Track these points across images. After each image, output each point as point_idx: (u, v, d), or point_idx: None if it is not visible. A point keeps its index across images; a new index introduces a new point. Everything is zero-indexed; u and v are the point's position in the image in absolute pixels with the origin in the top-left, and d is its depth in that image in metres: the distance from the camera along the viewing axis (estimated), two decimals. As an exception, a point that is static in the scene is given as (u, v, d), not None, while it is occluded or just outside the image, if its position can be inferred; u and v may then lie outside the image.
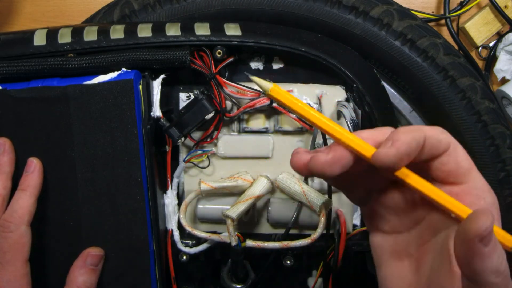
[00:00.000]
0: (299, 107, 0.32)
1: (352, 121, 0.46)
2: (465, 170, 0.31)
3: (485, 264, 0.28)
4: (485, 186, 0.32)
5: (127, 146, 0.44)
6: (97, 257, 0.45)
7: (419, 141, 0.30)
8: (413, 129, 0.31)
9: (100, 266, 0.45)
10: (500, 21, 0.62)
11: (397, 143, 0.30)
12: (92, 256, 0.45)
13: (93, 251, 0.45)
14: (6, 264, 0.42)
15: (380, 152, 0.30)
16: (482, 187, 0.32)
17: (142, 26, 0.46)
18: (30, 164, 0.45)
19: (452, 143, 0.32)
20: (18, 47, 0.45)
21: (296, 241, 0.48)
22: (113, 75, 0.44)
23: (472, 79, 0.50)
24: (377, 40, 0.49)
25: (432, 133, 0.31)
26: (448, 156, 0.31)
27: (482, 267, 0.28)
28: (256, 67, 0.50)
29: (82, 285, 0.44)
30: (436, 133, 0.31)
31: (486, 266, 0.28)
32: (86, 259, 0.45)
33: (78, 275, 0.44)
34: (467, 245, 0.28)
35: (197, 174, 0.51)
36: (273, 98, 0.32)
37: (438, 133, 0.31)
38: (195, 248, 0.50)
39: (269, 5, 0.49)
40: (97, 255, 0.45)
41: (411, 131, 0.30)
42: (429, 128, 0.31)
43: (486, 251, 0.28)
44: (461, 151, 0.32)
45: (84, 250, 0.45)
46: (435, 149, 0.31)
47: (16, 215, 0.43)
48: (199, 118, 0.46)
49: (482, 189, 0.32)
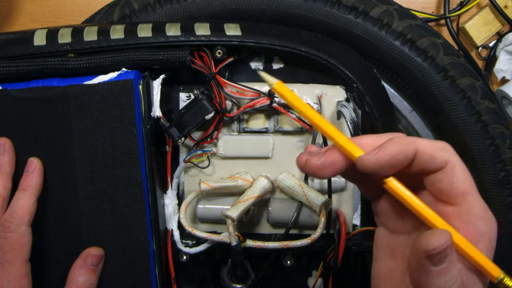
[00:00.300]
0: (299, 104, 0.34)
1: (352, 121, 0.47)
2: (459, 193, 0.31)
3: (430, 282, 0.28)
4: (482, 213, 0.31)
5: (127, 146, 0.44)
6: (97, 257, 0.45)
7: (407, 154, 0.30)
8: (405, 141, 0.31)
9: (100, 266, 0.45)
10: (500, 21, 0.62)
11: (381, 152, 0.30)
12: (92, 256, 0.45)
13: (94, 251, 0.45)
14: (6, 264, 0.42)
15: (363, 158, 0.31)
16: (477, 214, 0.31)
17: (142, 26, 0.46)
18: (30, 164, 0.45)
19: (451, 162, 0.31)
20: (18, 47, 0.45)
21: (296, 241, 0.48)
22: (113, 75, 0.44)
23: (472, 79, 0.50)
24: (377, 40, 0.49)
25: (426, 149, 0.31)
26: (443, 174, 0.31)
27: (427, 284, 0.28)
28: (256, 67, 0.50)
29: (82, 285, 0.44)
30: (432, 150, 0.31)
31: (431, 285, 0.28)
32: (87, 259, 0.45)
33: (78, 275, 0.44)
34: (416, 259, 0.29)
35: (197, 174, 0.51)
36: (277, 93, 0.35)
37: (435, 150, 0.31)
38: (195, 248, 0.50)
39: (269, 5, 0.49)
40: (97, 255, 0.45)
41: (402, 143, 0.31)
42: (425, 143, 0.31)
43: (432, 269, 0.28)
44: (460, 173, 0.31)
45: (85, 250, 0.45)
46: (426, 165, 0.31)
47: (16, 215, 0.43)
48: (199, 118, 0.46)
49: (476, 216, 0.31)
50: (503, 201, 0.50)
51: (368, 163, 0.30)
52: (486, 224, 0.31)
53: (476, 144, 0.50)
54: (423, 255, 0.28)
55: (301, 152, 0.34)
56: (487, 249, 0.31)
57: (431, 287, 0.29)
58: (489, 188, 0.50)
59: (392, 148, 0.30)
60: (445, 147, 0.31)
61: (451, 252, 0.29)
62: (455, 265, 0.29)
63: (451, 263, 0.29)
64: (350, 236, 0.51)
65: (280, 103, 0.48)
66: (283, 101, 0.47)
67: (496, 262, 0.31)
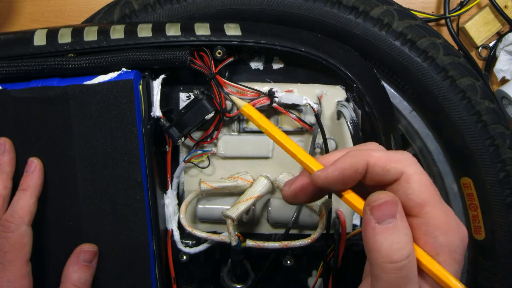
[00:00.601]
0: (264, 124, 0.37)
1: (352, 121, 0.47)
2: (416, 204, 0.30)
3: (375, 240, 0.28)
4: (442, 224, 0.30)
5: (127, 146, 0.44)
6: (91, 253, 0.45)
7: (357, 168, 0.31)
8: (356, 154, 0.31)
9: (95, 262, 0.45)
10: (500, 21, 0.62)
11: (331, 168, 0.31)
12: (85, 252, 0.45)
13: (86, 247, 0.45)
14: (7, 264, 0.42)
15: (314, 174, 0.32)
16: (436, 225, 0.30)
17: (142, 26, 0.46)
18: (30, 164, 0.45)
19: (406, 173, 0.30)
20: (18, 47, 0.45)
21: (296, 241, 0.48)
22: (113, 75, 0.44)
23: (472, 79, 0.50)
24: (377, 40, 0.49)
25: (378, 161, 0.31)
26: (398, 185, 0.31)
27: (372, 243, 0.28)
28: (256, 67, 0.50)
29: (76, 281, 0.43)
30: (384, 162, 0.31)
31: (375, 245, 0.28)
32: (79, 256, 0.44)
33: (72, 272, 0.44)
34: (364, 218, 0.29)
35: (197, 174, 0.51)
36: (245, 115, 0.39)
37: (388, 162, 0.31)
38: (195, 248, 0.50)
39: (269, 5, 0.49)
40: (90, 251, 0.45)
41: (353, 157, 0.31)
42: (378, 156, 0.31)
43: (377, 227, 0.28)
44: (416, 184, 0.30)
45: (77, 246, 0.45)
46: (380, 177, 0.31)
47: (16, 215, 0.43)
48: (199, 118, 0.46)
49: (434, 227, 0.30)
50: (503, 201, 0.50)
51: (318, 179, 0.31)
52: (447, 236, 0.30)
53: (476, 144, 0.50)
54: (367, 209, 0.29)
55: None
56: (448, 261, 0.30)
57: (375, 245, 0.28)
58: (489, 188, 0.50)
59: (342, 163, 0.31)
60: (401, 158, 0.31)
61: (395, 212, 0.29)
62: (404, 231, 0.29)
63: (398, 228, 0.29)
64: (350, 236, 0.51)
65: (280, 103, 0.48)
66: (280, 103, 0.48)
67: (497, 261, 0.31)
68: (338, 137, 0.51)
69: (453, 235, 0.30)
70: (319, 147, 0.50)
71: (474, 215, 0.53)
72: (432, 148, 0.54)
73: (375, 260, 0.28)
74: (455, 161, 0.53)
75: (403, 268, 0.28)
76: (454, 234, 0.30)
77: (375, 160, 0.31)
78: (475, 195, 0.52)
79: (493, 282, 0.52)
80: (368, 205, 0.29)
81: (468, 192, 0.53)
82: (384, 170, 0.30)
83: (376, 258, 0.28)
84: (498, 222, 0.51)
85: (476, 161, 0.51)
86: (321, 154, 0.50)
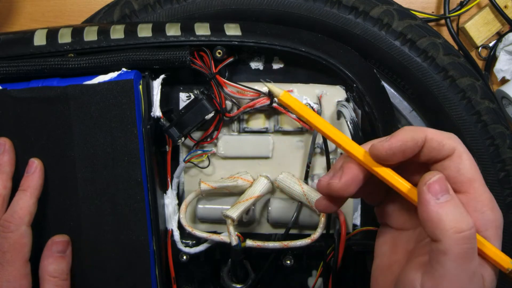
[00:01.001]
0: (307, 114, 0.35)
1: (352, 121, 0.47)
2: (466, 179, 0.32)
3: (441, 215, 0.29)
4: (488, 201, 0.32)
5: (127, 146, 0.44)
6: (63, 243, 0.45)
7: (417, 141, 0.31)
8: (415, 129, 0.32)
9: (69, 252, 0.45)
10: (500, 21, 0.62)
11: (393, 139, 0.31)
12: (57, 243, 0.45)
13: (58, 238, 0.45)
14: (6, 264, 0.42)
15: (376, 145, 0.32)
16: (484, 202, 0.32)
17: (142, 26, 0.46)
18: (31, 164, 0.45)
19: (458, 149, 0.32)
20: (18, 47, 0.45)
21: (296, 241, 0.48)
22: (113, 75, 0.44)
23: (472, 79, 0.50)
24: (377, 40, 0.49)
25: (435, 136, 0.32)
26: (450, 161, 0.32)
27: (438, 218, 0.29)
28: (256, 67, 0.50)
29: (53, 272, 0.44)
30: (440, 137, 0.32)
31: (442, 218, 0.29)
32: (52, 248, 0.44)
33: (48, 264, 0.44)
34: (420, 196, 0.30)
35: (197, 174, 0.51)
36: (283, 104, 0.36)
37: (442, 138, 0.32)
38: (195, 248, 0.50)
39: (269, 5, 0.49)
40: (63, 241, 0.45)
41: (412, 131, 0.32)
42: (434, 132, 0.32)
43: (437, 201, 0.29)
44: (467, 160, 0.32)
45: (49, 239, 0.45)
46: (435, 152, 0.32)
47: (16, 216, 0.43)
48: (199, 118, 0.46)
49: (483, 203, 0.31)
50: (503, 201, 0.50)
51: (381, 149, 0.32)
52: (494, 212, 0.32)
53: (476, 144, 0.50)
54: (424, 188, 0.30)
55: (319, 178, 0.35)
56: (494, 238, 0.31)
57: (442, 218, 0.29)
58: (489, 188, 0.50)
59: (403, 135, 0.31)
60: (452, 136, 0.33)
61: (449, 187, 0.30)
62: (461, 203, 0.30)
63: (456, 200, 0.30)
64: (350, 236, 0.51)
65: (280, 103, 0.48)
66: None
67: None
68: (338, 137, 0.51)
69: (498, 212, 0.32)
70: (319, 147, 0.50)
71: (474, 215, 0.53)
72: (432, 148, 0.54)
73: (444, 233, 0.29)
74: (455, 161, 0.53)
75: (472, 237, 0.29)
76: (498, 211, 0.32)
77: (432, 135, 0.32)
78: (475, 195, 0.52)
79: (493, 282, 0.52)
80: (425, 184, 0.30)
81: (468, 192, 0.53)
82: (440, 145, 0.32)
83: (446, 231, 0.29)
84: (498, 222, 0.51)
85: (476, 161, 0.50)
86: (321, 154, 0.50)
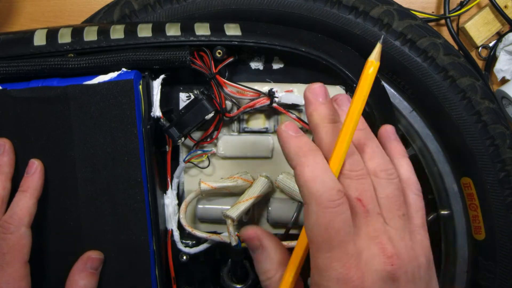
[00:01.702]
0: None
1: (352, 121, 0.46)
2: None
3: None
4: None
5: (127, 146, 0.44)
6: (97, 261, 0.45)
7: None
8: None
9: (100, 269, 0.45)
10: (500, 21, 0.62)
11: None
12: (93, 259, 0.45)
13: (93, 254, 0.45)
14: (5, 266, 0.42)
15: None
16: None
17: (142, 26, 0.46)
18: (31, 165, 0.45)
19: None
20: (18, 47, 0.45)
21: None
22: (113, 75, 0.44)
23: (472, 79, 0.50)
24: (377, 40, 0.49)
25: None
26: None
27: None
28: (256, 67, 0.50)
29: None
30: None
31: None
32: (86, 263, 0.44)
33: (79, 279, 0.44)
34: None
35: (197, 174, 0.51)
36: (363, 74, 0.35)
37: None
38: (195, 248, 0.50)
39: (269, 5, 0.49)
40: (97, 258, 0.45)
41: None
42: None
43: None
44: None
45: (84, 253, 0.45)
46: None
47: (16, 217, 0.43)
48: (199, 118, 0.46)
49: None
50: (503, 201, 0.50)
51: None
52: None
53: (476, 144, 0.50)
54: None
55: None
56: None
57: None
58: (489, 188, 0.50)
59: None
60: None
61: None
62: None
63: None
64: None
65: (280, 103, 0.48)
66: (280, 103, 0.48)
67: (497, 262, 0.32)
68: (338, 137, 0.51)
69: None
70: (319, 147, 0.50)
71: (474, 215, 0.53)
72: (432, 148, 0.54)
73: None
74: (455, 161, 0.53)
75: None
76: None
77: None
78: (475, 195, 0.52)
79: (493, 282, 0.52)
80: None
81: (468, 192, 0.53)
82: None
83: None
84: (498, 222, 0.51)
85: (476, 161, 0.51)
86: (321, 154, 0.50)
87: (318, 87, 0.36)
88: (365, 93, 0.34)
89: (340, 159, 0.33)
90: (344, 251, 0.32)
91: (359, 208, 0.33)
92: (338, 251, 0.32)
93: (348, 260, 0.32)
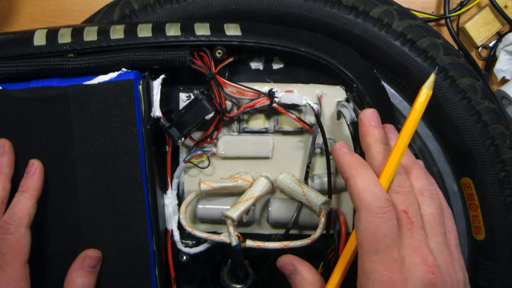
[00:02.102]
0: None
1: (352, 121, 0.46)
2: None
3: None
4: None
5: (127, 146, 0.44)
6: (95, 259, 0.45)
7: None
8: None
9: (98, 268, 0.45)
10: (500, 21, 0.62)
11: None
12: (90, 258, 0.45)
13: (91, 252, 0.45)
14: (5, 266, 0.42)
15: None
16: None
17: (142, 26, 0.46)
18: (31, 166, 0.45)
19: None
20: (18, 47, 0.45)
21: (296, 241, 0.48)
22: (113, 75, 0.44)
23: (472, 79, 0.50)
24: (377, 40, 0.49)
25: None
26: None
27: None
28: (256, 67, 0.50)
29: (80, 286, 0.43)
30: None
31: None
32: (84, 261, 0.44)
33: (76, 277, 0.44)
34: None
35: (197, 174, 0.51)
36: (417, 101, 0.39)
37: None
38: (195, 248, 0.50)
39: (269, 5, 0.49)
40: (95, 256, 0.45)
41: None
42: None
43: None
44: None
45: (82, 252, 0.45)
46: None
47: (15, 217, 0.43)
48: (199, 118, 0.46)
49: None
50: (503, 201, 0.50)
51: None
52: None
53: (476, 144, 0.50)
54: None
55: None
56: None
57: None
58: (489, 188, 0.50)
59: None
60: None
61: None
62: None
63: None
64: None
65: (280, 103, 0.48)
66: (280, 103, 0.48)
67: (497, 262, 0.32)
68: (338, 137, 0.51)
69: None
70: (319, 147, 0.50)
71: (474, 215, 0.53)
72: (432, 148, 0.54)
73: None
74: (455, 161, 0.53)
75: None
76: None
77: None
78: (475, 195, 0.52)
79: (493, 283, 0.52)
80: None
81: (468, 192, 0.53)
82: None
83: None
84: (498, 222, 0.51)
85: (476, 161, 0.51)
86: (321, 154, 0.50)
87: (371, 112, 0.41)
88: (416, 119, 0.39)
89: (390, 175, 0.37)
90: (389, 255, 0.34)
91: (404, 220, 0.36)
92: (383, 255, 0.34)
93: (392, 264, 0.34)
